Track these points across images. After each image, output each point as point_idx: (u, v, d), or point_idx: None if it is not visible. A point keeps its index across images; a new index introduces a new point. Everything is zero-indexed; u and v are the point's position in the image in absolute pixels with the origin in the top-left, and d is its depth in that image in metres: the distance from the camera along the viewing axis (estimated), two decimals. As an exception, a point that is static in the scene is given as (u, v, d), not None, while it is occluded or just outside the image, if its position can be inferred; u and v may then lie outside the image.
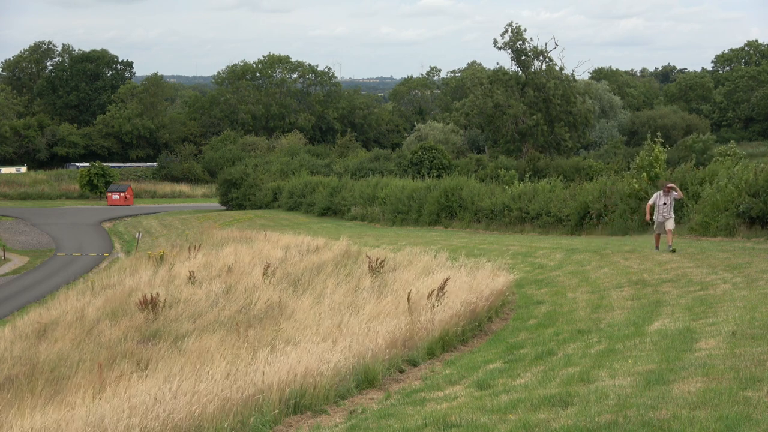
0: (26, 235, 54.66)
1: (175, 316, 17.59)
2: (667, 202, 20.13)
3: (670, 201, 20.15)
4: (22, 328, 19.28)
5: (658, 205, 20.38)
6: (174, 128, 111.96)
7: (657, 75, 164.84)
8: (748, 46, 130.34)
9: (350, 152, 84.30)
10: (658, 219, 20.41)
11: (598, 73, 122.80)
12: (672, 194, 20.17)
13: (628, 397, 8.14)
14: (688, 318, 12.36)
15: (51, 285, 34.08)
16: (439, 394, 10.51)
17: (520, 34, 78.34)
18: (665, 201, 20.17)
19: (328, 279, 19.30)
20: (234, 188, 68.64)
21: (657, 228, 20.69)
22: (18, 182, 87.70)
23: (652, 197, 20.79)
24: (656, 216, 20.54)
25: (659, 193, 20.42)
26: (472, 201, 39.82)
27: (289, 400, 10.37)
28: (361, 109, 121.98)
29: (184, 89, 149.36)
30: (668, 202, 20.12)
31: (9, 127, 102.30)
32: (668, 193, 20.14)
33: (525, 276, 20.27)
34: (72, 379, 13.45)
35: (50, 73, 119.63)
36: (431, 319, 13.99)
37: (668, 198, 20.14)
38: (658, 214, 20.44)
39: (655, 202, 20.55)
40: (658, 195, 20.41)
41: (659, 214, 20.36)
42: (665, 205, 20.14)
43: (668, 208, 20.13)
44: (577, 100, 78.90)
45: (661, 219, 20.28)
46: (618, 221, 30.15)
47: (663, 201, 20.22)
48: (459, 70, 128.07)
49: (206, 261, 24.53)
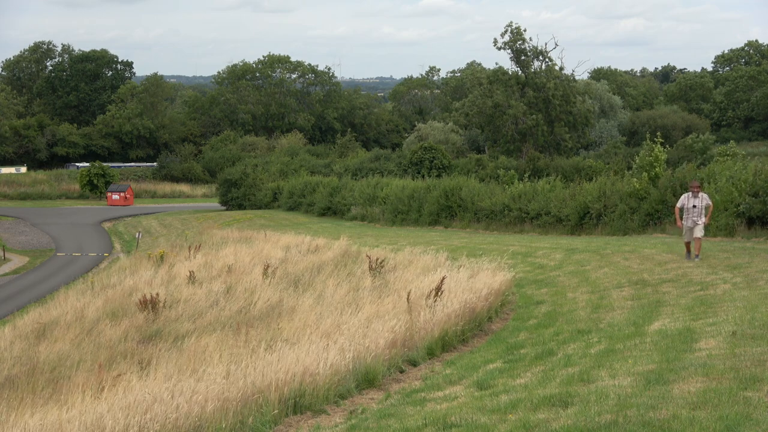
0: (26, 235, 54.64)
1: (175, 316, 17.58)
2: (697, 204, 17.79)
3: (700, 204, 17.80)
4: (22, 328, 19.26)
5: (687, 208, 17.97)
6: (174, 128, 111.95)
7: (657, 75, 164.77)
8: (748, 46, 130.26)
9: (350, 152, 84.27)
10: (687, 224, 17.98)
11: (597, 73, 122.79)
12: (702, 197, 17.87)
13: (628, 397, 8.13)
14: (688, 318, 12.35)
15: (51, 285, 34.05)
16: (439, 394, 10.50)
17: (520, 34, 78.29)
18: (695, 203, 17.81)
19: (328, 279, 19.30)
20: (234, 188, 68.65)
21: (686, 234, 18.21)
22: (18, 182, 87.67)
23: (680, 199, 18.31)
24: (685, 220, 18.06)
25: (687, 195, 18.06)
26: (472, 201, 39.82)
27: (288, 400, 10.37)
28: (361, 109, 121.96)
29: (184, 89, 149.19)
30: (698, 204, 17.78)
31: (9, 127, 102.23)
32: (697, 195, 17.82)
33: (525, 276, 20.26)
34: (72, 379, 13.43)
35: (50, 73, 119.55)
36: (431, 318, 13.99)
37: (698, 200, 17.81)
38: (687, 218, 17.98)
39: (683, 205, 18.12)
40: (687, 196, 18.04)
41: (689, 218, 17.93)
42: (695, 209, 17.78)
43: (698, 212, 17.76)
44: (576, 100, 78.85)
45: (691, 224, 17.91)
46: (618, 221, 30.14)
47: (693, 203, 17.84)
48: (459, 70, 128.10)
49: (206, 261, 24.53)
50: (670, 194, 28.02)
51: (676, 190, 27.82)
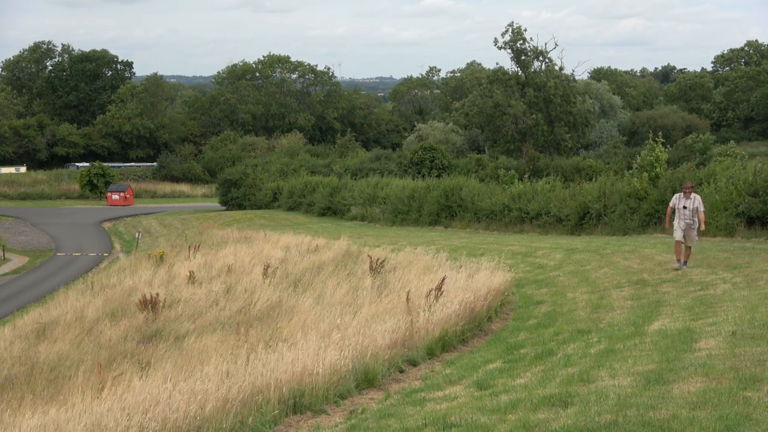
0: (26, 235, 54.64)
1: (175, 316, 17.57)
2: (688, 206, 17.03)
3: (691, 206, 17.03)
4: (22, 328, 19.26)
5: (678, 209, 17.20)
6: (174, 128, 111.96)
7: (657, 75, 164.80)
8: (748, 46, 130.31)
9: (350, 152, 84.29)
10: (680, 225, 17.11)
11: (597, 73, 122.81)
12: (694, 199, 17.09)
13: (628, 397, 8.13)
14: (688, 318, 12.35)
15: (51, 285, 34.04)
16: (438, 394, 10.50)
17: (520, 34, 78.30)
18: (686, 204, 17.07)
19: (328, 279, 19.28)
20: (234, 188, 68.67)
21: (676, 234, 17.24)
22: (18, 182, 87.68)
23: (672, 200, 17.57)
24: (676, 221, 17.21)
25: (679, 195, 17.30)
26: (472, 201, 39.83)
27: (288, 400, 10.37)
28: (361, 109, 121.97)
29: (184, 89, 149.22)
30: (689, 206, 17.02)
31: (9, 127, 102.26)
32: (689, 196, 17.07)
33: (525, 276, 20.26)
34: (72, 379, 13.42)
35: (50, 73, 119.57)
36: (431, 318, 13.99)
37: (689, 201, 17.05)
38: (678, 219, 17.17)
39: (674, 206, 17.38)
40: (678, 197, 17.31)
41: (680, 220, 17.11)
42: (686, 210, 17.02)
43: (690, 213, 17.02)
44: (577, 100, 78.85)
45: (684, 226, 17.05)
46: (618, 221, 30.15)
47: (683, 204, 17.12)
48: (459, 70, 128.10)
49: (206, 261, 24.52)
50: (670, 194, 27.98)
51: (676, 190, 27.79)
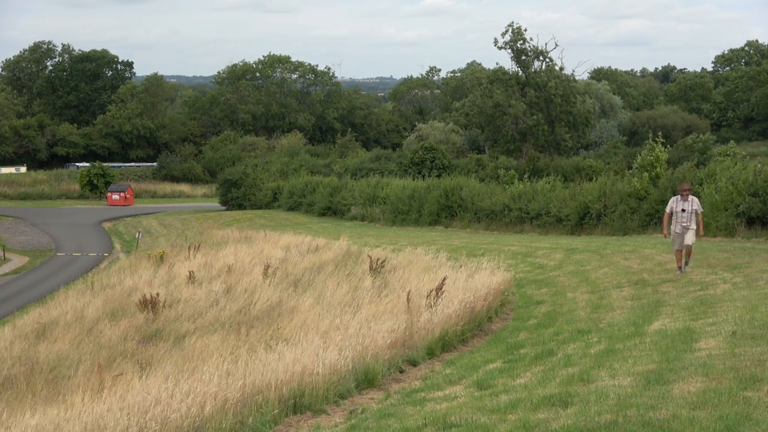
0: (26, 235, 54.63)
1: (175, 316, 17.58)
2: (686, 208, 16.43)
3: (689, 208, 16.45)
4: (22, 328, 19.26)
5: (675, 212, 16.60)
6: (174, 128, 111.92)
7: (657, 75, 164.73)
8: (748, 46, 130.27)
9: (350, 152, 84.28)
10: (676, 230, 16.54)
11: (598, 73, 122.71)
12: (692, 201, 16.55)
13: (628, 397, 8.13)
14: (688, 318, 12.35)
15: (51, 285, 34.02)
16: (438, 394, 10.50)
17: (520, 34, 78.27)
18: (684, 207, 16.48)
19: (329, 279, 19.29)
20: (234, 188, 68.67)
21: (675, 242, 16.72)
22: (18, 182, 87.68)
23: (669, 204, 16.92)
24: (674, 226, 16.63)
25: (676, 198, 16.73)
26: (472, 201, 39.84)
27: (288, 400, 10.36)
28: (361, 109, 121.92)
29: (184, 89, 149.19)
30: (687, 208, 16.44)
31: (9, 127, 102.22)
32: (686, 198, 16.50)
33: (525, 276, 20.26)
34: (71, 379, 13.43)
35: (50, 73, 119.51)
36: (431, 318, 13.99)
37: (687, 204, 16.48)
38: (676, 223, 16.58)
39: (672, 210, 16.73)
40: (675, 200, 16.72)
41: (678, 224, 16.52)
42: (684, 213, 16.42)
43: (688, 216, 16.40)
44: (577, 100, 78.83)
45: (680, 230, 16.46)
46: (618, 221, 30.15)
47: (681, 207, 16.51)
48: (459, 70, 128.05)
49: (206, 261, 24.52)
50: (670, 194, 28.00)
51: (676, 191, 27.84)
